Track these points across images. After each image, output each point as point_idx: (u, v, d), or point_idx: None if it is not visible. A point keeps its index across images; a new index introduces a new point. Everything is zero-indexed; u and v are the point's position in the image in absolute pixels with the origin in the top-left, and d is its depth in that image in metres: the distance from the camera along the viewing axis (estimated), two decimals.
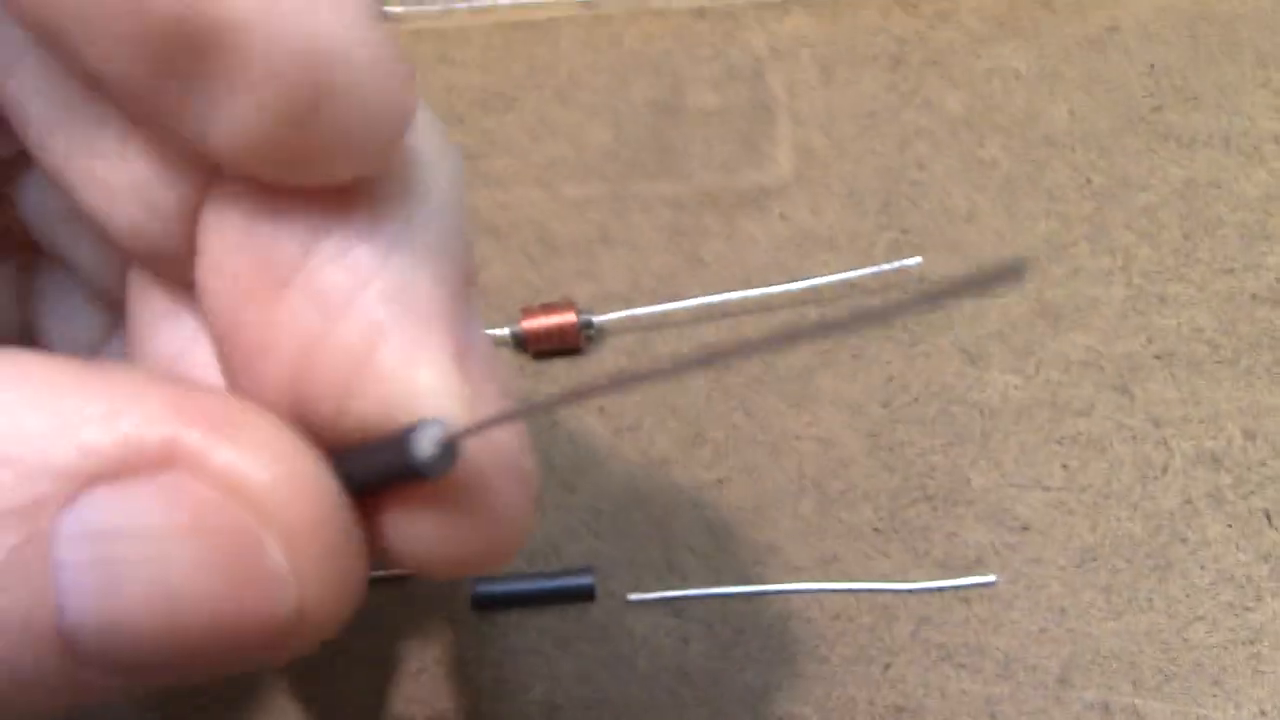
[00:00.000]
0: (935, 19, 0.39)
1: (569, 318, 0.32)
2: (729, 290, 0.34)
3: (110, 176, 0.16)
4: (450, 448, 0.14)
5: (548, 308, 0.32)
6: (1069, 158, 0.36)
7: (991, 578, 0.29)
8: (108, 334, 0.21)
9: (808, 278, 0.34)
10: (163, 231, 0.16)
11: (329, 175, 0.15)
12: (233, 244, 0.15)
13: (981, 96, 0.37)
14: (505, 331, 0.32)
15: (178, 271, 0.17)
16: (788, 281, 0.34)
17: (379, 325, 0.15)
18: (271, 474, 0.13)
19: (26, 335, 0.21)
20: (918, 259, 0.33)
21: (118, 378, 0.13)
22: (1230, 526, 0.29)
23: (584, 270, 0.35)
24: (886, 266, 0.33)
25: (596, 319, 0.33)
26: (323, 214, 0.15)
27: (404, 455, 0.14)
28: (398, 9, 0.40)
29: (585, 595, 0.29)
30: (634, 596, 0.29)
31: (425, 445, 0.14)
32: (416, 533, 0.16)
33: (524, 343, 0.32)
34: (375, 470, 0.15)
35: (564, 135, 0.38)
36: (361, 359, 0.15)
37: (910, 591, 0.29)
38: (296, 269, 0.15)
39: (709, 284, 0.34)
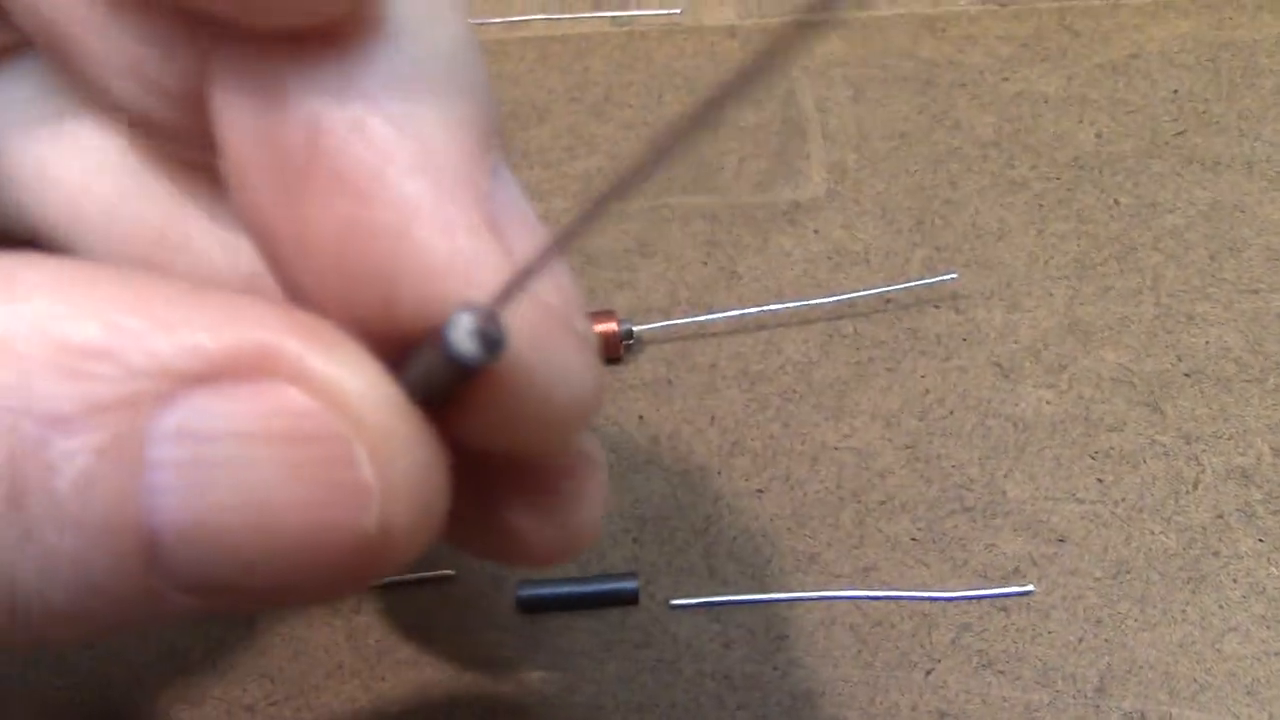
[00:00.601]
0: (963, 42, 0.40)
1: (610, 326, 0.33)
2: (763, 303, 0.34)
3: (104, 52, 0.16)
4: (492, 331, 0.13)
5: (590, 316, 0.33)
6: (1097, 179, 0.37)
7: (1029, 587, 0.29)
8: None
9: (841, 292, 0.34)
10: (174, 119, 0.16)
11: (300, 8, 0.14)
12: (243, 131, 0.15)
13: (1010, 119, 0.38)
14: None
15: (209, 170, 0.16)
16: (821, 295, 0.34)
17: (412, 201, 0.14)
18: (366, 386, 0.13)
19: None
20: (954, 274, 0.34)
21: (218, 292, 0.13)
22: (1262, 541, 0.30)
23: (622, 281, 0.35)
24: (922, 281, 0.34)
25: (635, 328, 0.33)
26: (324, 84, 0.14)
27: (443, 352, 0.13)
28: None
29: (629, 600, 0.29)
30: (676, 602, 0.29)
31: (462, 336, 0.13)
32: (480, 423, 0.15)
33: None
34: (429, 381, 0.14)
35: (599, 149, 0.38)
36: (400, 240, 0.14)
37: (950, 600, 0.29)
38: (312, 148, 0.14)
39: (744, 296, 0.35)
